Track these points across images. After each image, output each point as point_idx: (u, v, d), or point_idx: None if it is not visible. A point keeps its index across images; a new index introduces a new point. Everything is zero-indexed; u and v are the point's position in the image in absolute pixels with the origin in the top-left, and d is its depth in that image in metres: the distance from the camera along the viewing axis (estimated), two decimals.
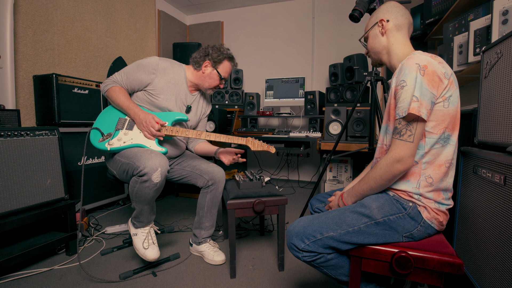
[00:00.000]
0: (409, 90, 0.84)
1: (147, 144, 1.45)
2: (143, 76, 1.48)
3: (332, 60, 3.22)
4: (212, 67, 1.57)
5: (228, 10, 3.79)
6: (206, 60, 1.57)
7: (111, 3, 2.75)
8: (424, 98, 0.82)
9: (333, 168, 2.69)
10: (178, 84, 1.57)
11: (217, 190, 1.58)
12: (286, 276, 1.46)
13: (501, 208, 0.90)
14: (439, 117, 0.86)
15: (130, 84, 1.50)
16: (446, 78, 0.86)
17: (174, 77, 1.55)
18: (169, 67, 1.54)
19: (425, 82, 0.83)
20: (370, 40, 1.08)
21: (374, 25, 1.05)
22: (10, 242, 1.50)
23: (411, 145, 0.84)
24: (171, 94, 1.54)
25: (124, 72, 1.50)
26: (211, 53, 1.56)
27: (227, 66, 1.61)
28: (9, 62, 1.85)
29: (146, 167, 1.27)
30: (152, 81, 1.49)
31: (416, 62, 0.85)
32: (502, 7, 1.22)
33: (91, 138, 1.45)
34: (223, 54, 1.58)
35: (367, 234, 0.89)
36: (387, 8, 1.03)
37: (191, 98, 1.65)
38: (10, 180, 1.37)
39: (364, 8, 1.58)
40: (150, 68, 1.48)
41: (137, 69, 1.49)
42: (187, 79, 1.61)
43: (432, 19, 2.13)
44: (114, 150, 1.43)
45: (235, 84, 3.25)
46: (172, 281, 1.40)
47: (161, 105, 1.52)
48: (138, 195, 1.34)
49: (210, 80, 1.59)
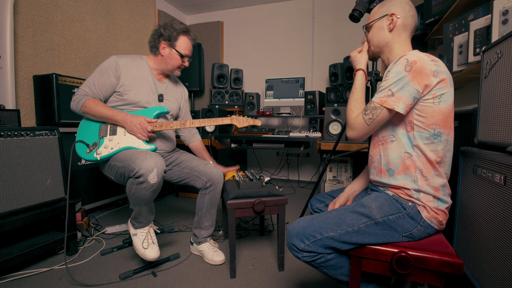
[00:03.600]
0: (389, 81, 0.87)
1: (135, 144, 1.44)
2: (109, 79, 1.45)
3: (332, 60, 3.22)
4: (170, 47, 1.52)
5: (228, 10, 3.79)
6: (161, 42, 1.51)
7: (111, 3, 2.75)
8: (404, 92, 0.84)
9: (333, 168, 2.69)
10: (144, 76, 1.54)
11: (215, 191, 1.58)
12: (286, 276, 1.46)
13: (501, 208, 0.90)
14: (428, 113, 0.87)
15: (102, 92, 1.46)
16: (435, 76, 0.85)
17: (138, 70, 1.53)
18: (130, 62, 1.51)
19: (409, 77, 0.84)
20: (373, 31, 1.04)
21: (383, 17, 1.01)
22: (10, 242, 1.50)
23: (366, 128, 0.93)
24: (140, 87, 1.51)
25: (91, 82, 1.45)
26: (163, 33, 1.50)
27: (185, 42, 1.53)
28: (9, 62, 1.85)
29: (142, 168, 1.26)
30: (119, 81, 1.46)
31: (406, 57, 0.86)
32: (502, 7, 1.21)
33: (77, 151, 1.43)
34: (176, 30, 1.50)
35: (367, 234, 0.89)
36: (400, 3, 0.99)
37: (162, 87, 1.62)
38: (10, 180, 1.37)
39: (364, 8, 1.58)
40: (112, 68, 1.45)
41: (101, 74, 1.45)
42: (152, 68, 1.58)
43: (432, 19, 2.13)
44: (104, 158, 1.42)
45: (235, 84, 3.25)
46: (172, 281, 1.40)
47: (133, 100, 1.49)
48: (135, 197, 1.33)
49: (171, 61, 1.54)
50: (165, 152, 1.65)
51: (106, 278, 1.41)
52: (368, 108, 0.92)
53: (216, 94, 3.21)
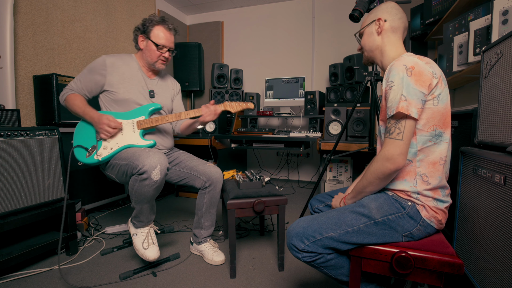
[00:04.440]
0: (397, 90, 0.85)
1: (134, 142, 1.46)
2: (95, 76, 1.48)
3: (332, 60, 3.22)
4: (146, 39, 1.52)
5: (228, 10, 3.79)
6: (139, 36, 1.53)
7: (111, 3, 2.75)
8: (412, 97, 0.84)
9: (333, 168, 2.69)
10: (134, 74, 1.55)
11: (214, 191, 1.58)
12: (286, 276, 1.46)
13: (501, 208, 0.90)
14: (428, 115, 0.88)
15: (87, 87, 1.49)
16: (434, 77, 0.87)
17: (127, 68, 1.54)
18: (118, 61, 1.52)
19: (412, 82, 0.84)
20: (365, 37, 1.09)
21: (371, 23, 1.05)
22: (10, 242, 1.50)
23: (400, 143, 0.85)
24: (129, 85, 1.52)
25: (78, 78, 1.50)
26: (140, 27, 1.52)
27: (159, 31, 1.51)
28: (9, 62, 1.85)
29: (145, 165, 1.27)
30: (105, 79, 1.48)
31: (403, 63, 0.87)
32: (502, 7, 1.22)
33: (77, 156, 1.44)
34: (151, 21, 1.51)
35: (367, 234, 0.89)
36: (386, 8, 1.03)
37: (152, 83, 1.63)
38: (10, 180, 1.37)
39: (364, 8, 1.58)
40: (99, 67, 1.47)
41: (89, 72, 1.49)
42: (140, 66, 1.60)
43: (432, 19, 2.13)
44: (105, 159, 1.43)
45: (235, 84, 3.25)
46: (172, 281, 1.40)
47: (124, 97, 1.50)
48: (137, 194, 1.34)
49: (150, 53, 1.53)
50: (166, 149, 1.66)
51: (106, 278, 1.41)
52: (390, 128, 0.88)
53: (216, 94, 3.21)
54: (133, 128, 1.50)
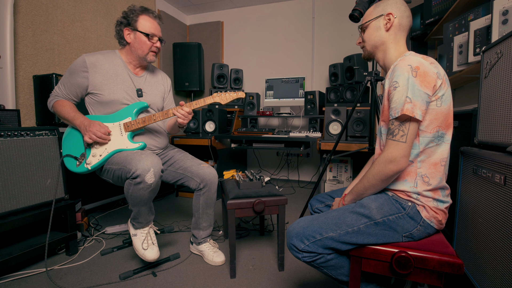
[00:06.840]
0: (402, 91, 0.84)
1: (122, 146, 1.41)
2: (77, 79, 1.41)
3: (332, 60, 3.22)
4: (133, 31, 1.43)
5: (228, 10, 3.79)
6: (123, 30, 1.44)
7: (111, 3, 2.75)
8: (417, 99, 0.83)
9: (333, 168, 2.69)
10: (118, 72, 1.47)
11: (210, 192, 1.56)
12: (286, 276, 1.46)
13: (501, 208, 0.90)
14: (432, 116, 0.87)
15: (71, 92, 1.44)
16: (439, 78, 0.86)
17: (110, 66, 1.45)
18: (100, 59, 1.43)
19: (417, 83, 0.83)
20: (369, 31, 1.04)
21: (379, 17, 1.00)
22: (10, 242, 1.50)
23: (404, 145, 0.84)
24: (114, 85, 1.44)
25: (61, 83, 1.44)
26: (123, 21, 1.43)
27: (146, 20, 1.43)
28: (9, 62, 1.84)
29: (138, 169, 1.25)
30: (88, 81, 1.41)
31: (408, 63, 0.86)
32: (502, 7, 1.21)
33: (67, 166, 1.42)
34: (133, 12, 1.43)
35: (367, 234, 0.89)
36: (396, 4, 0.99)
37: (140, 81, 1.54)
38: (10, 180, 1.37)
39: (364, 8, 1.58)
40: (79, 68, 1.40)
41: (70, 75, 1.42)
42: (126, 63, 1.51)
43: (432, 19, 2.13)
44: (96, 167, 1.40)
45: (235, 84, 3.25)
46: (172, 281, 1.40)
47: (109, 99, 1.43)
48: (133, 198, 1.32)
49: (140, 46, 1.44)
50: (158, 149, 1.61)
51: (106, 278, 1.41)
52: (394, 129, 0.87)
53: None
54: (120, 131, 1.44)
